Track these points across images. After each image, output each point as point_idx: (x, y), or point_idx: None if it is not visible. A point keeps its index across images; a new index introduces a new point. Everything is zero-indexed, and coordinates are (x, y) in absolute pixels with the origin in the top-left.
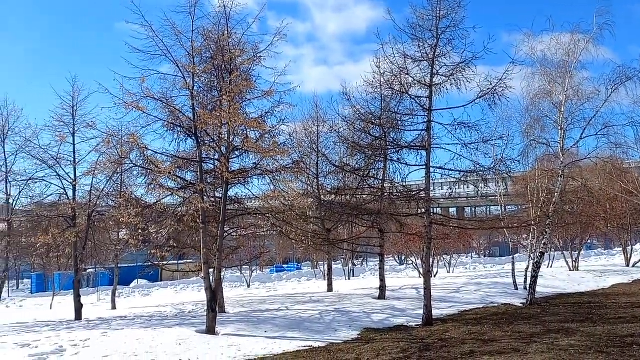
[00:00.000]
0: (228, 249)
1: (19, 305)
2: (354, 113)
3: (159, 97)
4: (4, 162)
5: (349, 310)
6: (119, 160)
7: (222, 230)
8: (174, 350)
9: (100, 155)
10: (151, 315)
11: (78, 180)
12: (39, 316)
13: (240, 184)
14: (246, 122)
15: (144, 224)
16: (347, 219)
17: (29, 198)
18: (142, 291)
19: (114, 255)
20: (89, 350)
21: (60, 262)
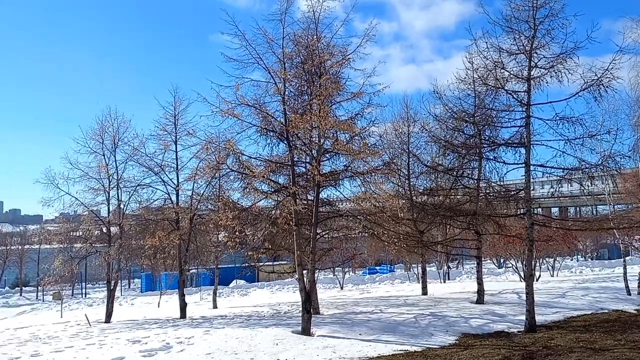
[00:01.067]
0: (321, 250)
1: (130, 303)
2: (445, 111)
3: (253, 103)
4: (115, 170)
5: (445, 314)
6: (217, 165)
7: (314, 232)
8: (272, 350)
9: (200, 162)
10: (249, 315)
11: (181, 186)
12: (148, 314)
13: (332, 186)
14: (336, 124)
15: (241, 226)
16: (441, 221)
17: (137, 203)
18: (240, 291)
19: (214, 256)
20: (193, 347)
21: (167, 263)
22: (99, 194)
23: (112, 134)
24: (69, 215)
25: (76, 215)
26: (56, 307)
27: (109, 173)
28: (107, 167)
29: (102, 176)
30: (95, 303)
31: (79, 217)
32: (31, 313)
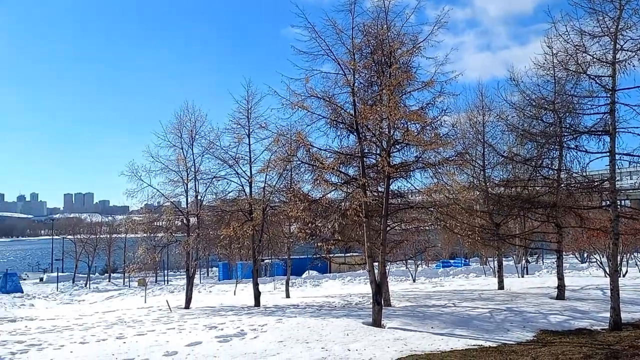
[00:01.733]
0: (391, 242)
1: (208, 290)
2: (523, 99)
3: (322, 95)
4: (193, 163)
5: (522, 309)
6: (288, 157)
7: (384, 224)
8: (342, 340)
9: (272, 154)
10: (320, 306)
11: (254, 178)
12: (225, 301)
13: (402, 178)
14: (406, 115)
15: (311, 218)
16: (518, 213)
17: (213, 194)
18: (312, 282)
19: (286, 247)
20: (265, 335)
21: (241, 253)
22: (178, 186)
23: (190, 128)
24: (152, 206)
25: (158, 206)
26: (140, 292)
27: (187, 166)
28: (185, 160)
29: (180, 169)
30: (176, 290)
31: (160, 207)
32: (118, 298)
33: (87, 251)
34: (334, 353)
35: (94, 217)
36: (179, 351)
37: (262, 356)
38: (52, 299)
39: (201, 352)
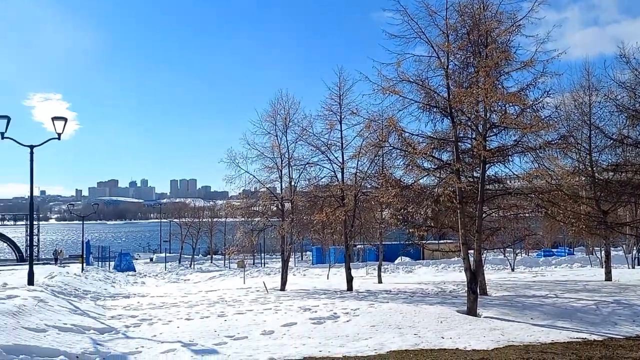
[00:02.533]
0: (488, 230)
1: (302, 274)
2: (634, 77)
3: (414, 79)
4: (287, 149)
5: (632, 302)
6: (379, 143)
7: (480, 211)
8: (435, 327)
9: (363, 140)
10: (413, 292)
11: (345, 164)
12: (318, 285)
13: (500, 163)
14: (504, 97)
15: (403, 204)
16: (629, 200)
17: (306, 180)
18: (405, 268)
19: (378, 232)
20: (358, 319)
21: (334, 238)
22: (273, 172)
23: (284, 115)
24: (249, 191)
25: (255, 191)
26: (240, 274)
27: (281, 152)
28: (280, 146)
29: (275, 155)
30: (272, 272)
31: (257, 193)
32: (219, 278)
33: (191, 234)
34: (427, 340)
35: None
36: (275, 330)
37: (354, 339)
38: (161, 278)
39: (296, 333)
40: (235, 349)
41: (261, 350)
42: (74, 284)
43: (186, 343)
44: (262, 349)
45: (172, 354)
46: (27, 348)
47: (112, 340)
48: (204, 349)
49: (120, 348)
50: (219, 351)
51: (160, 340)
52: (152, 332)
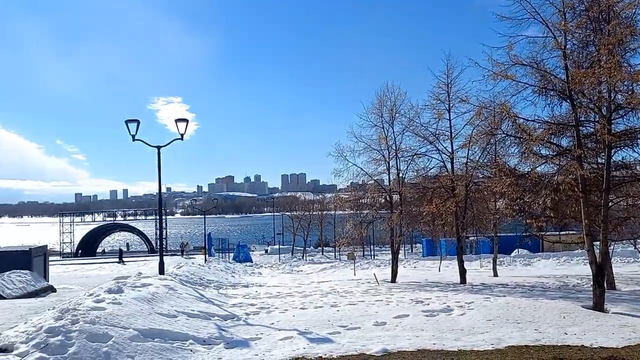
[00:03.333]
0: (615, 220)
1: (413, 266)
2: None
3: (528, 62)
4: (394, 141)
5: None
6: (491, 131)
7: (606, 200)
8: (558, 323)
9: (474, 128)
10: (532, 286)
11: (455, 154)
12: (429, 277)
13: (628, 147)
14: (630, 76)
15: (519, 193)
16: None
17: (414, 172)
18: (522, 261)
19: (492, 224)
20: (472, 312)
21: (445, 230)
22: (381, 164)
23: (390, 107)
24: (356, 184)
25: (362, 184)
26: (350, 266)
27: (388, 144)
28: (387, 138)
29: (382, 147)
30: (382, 264)
31: (365, 185)
32: (330, 270)
33: (302, 226)
34: (548, 336)
35: (306, 195)
36: (387, 322)
37: (469, 333)
38: (276, 269)
39: (408, 325)
40: (348, 339)
41: (374, 341)
42: (199, 274)
43: (302, 331)
44: (375, 339)
45: (289, 341)
46: (161, 332)
47: (234, 327)
48: (318, 338)
49: (242, 334)
50: (333, 340)
51: (278, 327)
52: (270, 320)
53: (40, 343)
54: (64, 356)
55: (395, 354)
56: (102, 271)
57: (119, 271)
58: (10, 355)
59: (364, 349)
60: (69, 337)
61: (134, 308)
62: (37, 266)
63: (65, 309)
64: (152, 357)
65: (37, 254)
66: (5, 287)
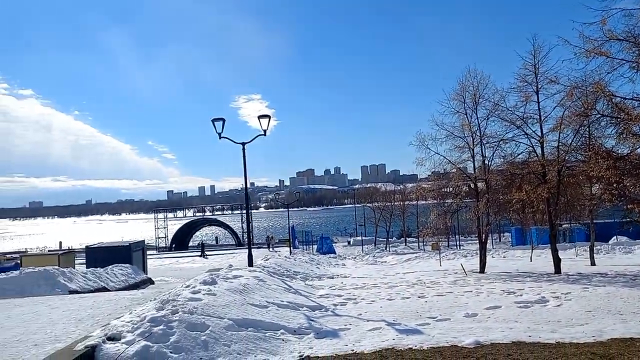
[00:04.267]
0: None
1: (502, 256)
2: None
3: (624, 36)
4: (478, 127)
5: None
6: (585, 112)
7: None
8: None
9: (565, 110)
10: (635, 275)
11: (545, 137)
12: (520, 267)
13: None
14: None
15: (617, 177)
16: None
17: (501, 158)
18: (622, 249)
19: (588, 210)
20: (570, 303)
21: (536, 217)
22: (464, 152)
23: (473, 92)
24: (438, 173)
25: (444, 172)
26: (435, 256)
27: (472, 130)
28: (470, 124)
29: (465, 134)
30: (469, 254)
31: (448, 174)
32: (415, 261)
33: (384, 217)
34: None
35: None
36: (478, 313)
37: (567, 325)
38: (359, 260)
39: (501, 316)
40: (439, 330)
41: (466, 333)
42: (285, 266)
43: (390, 322)
44: (467, 331)
45: (378, 331)
46: (254, 322)
47: (323, 317)
48: (407, 329)
49: (331, 324)
50: (422, 331)
51: (366, 318)
52: (358, 311)
53: (145, 332)
54: (167, 344)
55: (489, 346)
56: (195, 264)
57: (210, 264)
58: (119, 344)
59: (455, 341)
60: (170, 327)
61: (227, 299)
62: (136, 260)
63: (166, 300)
64: (246, 345)
65: (136, 249)
66: (109, 280)
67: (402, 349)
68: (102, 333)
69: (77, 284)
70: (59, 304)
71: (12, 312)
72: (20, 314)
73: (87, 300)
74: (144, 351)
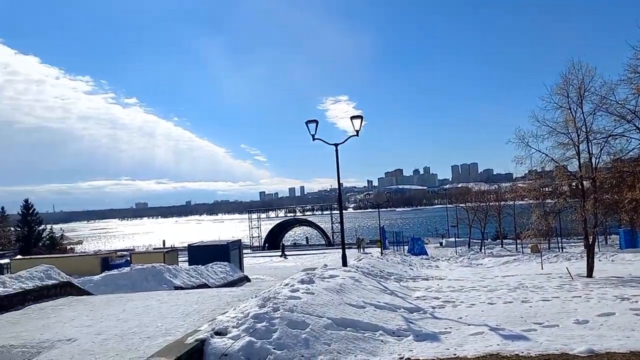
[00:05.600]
0: None
1: (610, 259)
2: None
3: None
4: (583, 122)
5: None
6: None
7: None
8: None
9: None
10: None
11: None
12: (632, 272)
13: None
14: None
15: None
16: None
17: (610, 155)
18: None
19: None
20: None
21: None
22: (568, 149)
23: (577, 85)
24: (536, 171)
25: (542, 171)
26: (535, 259)
27: (577, 126)
28: (575, 120)
29: (569, 130)
30: (573, 257)
31: (548, 173)
32: (513, 263)
33: (478, 218)
34: None
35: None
36: (590, 320)
37: None
38: (453, 262)
39: (615, 324)
40: (546, 337)
41: (577, 340)
42: (378, 266)
43: (493, 327)
44: (578, 338)
45: (480, 336)
46: (352, 322)
47: (421, 320)
48: (512, 334)
49: (430, 327)
50: (528, 337)
51: (467, 322)
52: (457, 314)
53: (249, 328)
54: (269, 341)
55: (603, 355)
56: (287, 263)
57: (302, 263)
58: (225, 338)
59: (565, 348)
60: (272, 324)
61: (325, 298)
62: (233, 258)
63: (267, 297)
64: (346, 345)
65: (234, 248)
66: (209, 277)
67: (508, 356)
68: (209, 327)
69: (181, 280)
70: (167, 299)
71: (127, 306)
72: (134, 307)
73: (192, 296)
74: (249, 346)
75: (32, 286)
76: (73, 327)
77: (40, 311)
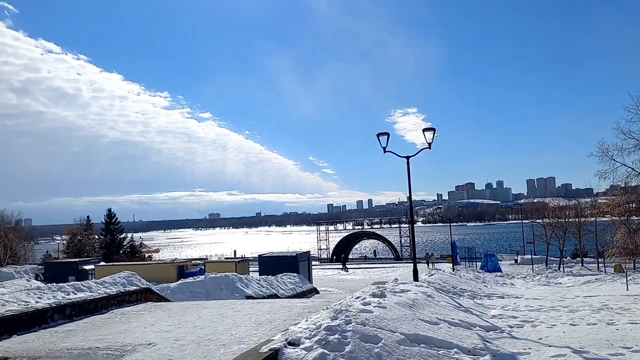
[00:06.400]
0: None
1: None
2: None
3: None
4: None
5: None
6: None
7: None
8: None
9: None
10: None
11: None
12: None
13: None
14: None
15: None
16: None
17: None
18: None
19: None
20: None
21: None
22: None
23: None
24: (620, 186)
25: (629, 186)
26: (619, 279)
27: None
28: None
29: None
30: None
31: (635, 188)
32: (595, 283)
33: (556, 235)
34: None
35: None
36: None
37: None
38: (530, 280)
39: None
40: None
41: None
42: (451, 282)
43: (576, 349)
44: None
45: (562, 358)
46: (426, 338)
47: (498, 339)
48: (597, 358)
49: (508, 347)
50: None
51: (547, 343)
52: (537, 335)
53: (322, 340)
54: (342, 353)
55: None
56: (355, 276)
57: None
58: (298, 349)
59: None
60: (345, 336)
61: (397, 313)
62: (302, 269)
63: (338, 309)
64: None
65: (302, 259)
66: (279, 288)
67: None
68: (282, 338)
69: (252, 289)
70: (240, 308)
71: (202, 313)
72: (209, 315)
73: (264, 306)
74: (322, 358)
75: (116, 291)
76: (153, 332)
77: (122, 315)
